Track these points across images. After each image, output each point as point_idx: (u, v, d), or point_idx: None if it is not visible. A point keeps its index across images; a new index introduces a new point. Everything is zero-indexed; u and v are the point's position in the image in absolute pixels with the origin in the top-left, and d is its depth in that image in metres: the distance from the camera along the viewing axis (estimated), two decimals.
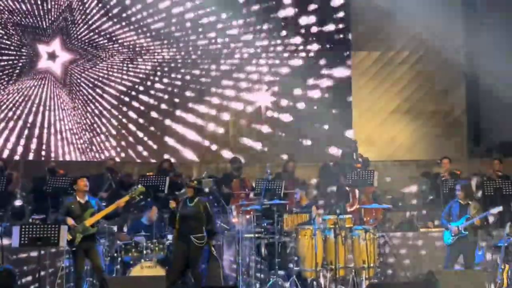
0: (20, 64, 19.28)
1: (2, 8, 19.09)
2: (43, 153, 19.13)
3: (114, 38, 19.75)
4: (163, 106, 19.94)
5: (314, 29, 20.13)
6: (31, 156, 18.98)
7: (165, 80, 19.99)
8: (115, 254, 14.46)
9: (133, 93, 19.83)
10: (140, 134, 19.76)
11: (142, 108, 19.84)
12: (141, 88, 19.89)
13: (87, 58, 19.64)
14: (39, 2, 19.22)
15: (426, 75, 19.89)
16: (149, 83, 19.92)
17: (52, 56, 19.37)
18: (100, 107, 19.70)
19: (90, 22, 19.64)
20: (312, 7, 20.13)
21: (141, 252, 14.46)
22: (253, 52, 20.11)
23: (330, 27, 20.12)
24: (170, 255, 14.06)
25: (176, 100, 19.99)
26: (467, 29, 19.89)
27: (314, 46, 20.10)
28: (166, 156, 19.13)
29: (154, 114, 19.93)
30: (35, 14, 19.26)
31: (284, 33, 20.14)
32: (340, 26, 20.08)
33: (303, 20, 20.14)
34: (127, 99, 19.80)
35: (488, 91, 19.39)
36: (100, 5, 19.59)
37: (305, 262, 14.28)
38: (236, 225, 15.59)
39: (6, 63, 19.20)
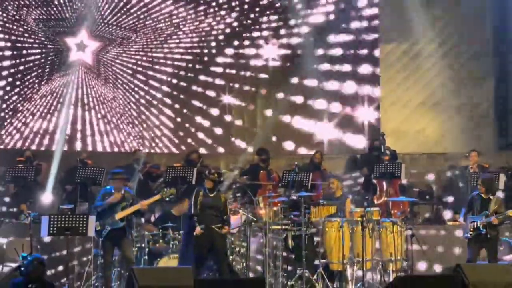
0: (49, 62, 18.39)
1: (19, 4, 18.16)
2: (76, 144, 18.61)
3: (146, 14, 18.65)
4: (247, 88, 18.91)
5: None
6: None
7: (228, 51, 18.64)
8: (143, 245, 14.54)
9: (190, 74, 18.68)
10: (206, 124, 18.89)
11: (204, 91, 18.70)
12: (198, 66, 18.68)
13: (117, 43, 18.67)
14: None
15: (454, 68, 19.77)
16: (206, 58, 18.69)
17: (80, 47, 18.55)
18: (147, 95, 18.76)
19: (116, 1, 18.53)
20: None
21: (168, 243, 14.55)
22: None
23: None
24: (184, 249, 14.06)
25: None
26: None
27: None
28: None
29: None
30: (55, 4, 18.32)
31: None
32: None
33: None
34: (182, 83, 18.66)
35: None
36: None
37: (332, 254, 14.28)
38: (263, 216, 15.63)
39: (32, 63, 18.27)
